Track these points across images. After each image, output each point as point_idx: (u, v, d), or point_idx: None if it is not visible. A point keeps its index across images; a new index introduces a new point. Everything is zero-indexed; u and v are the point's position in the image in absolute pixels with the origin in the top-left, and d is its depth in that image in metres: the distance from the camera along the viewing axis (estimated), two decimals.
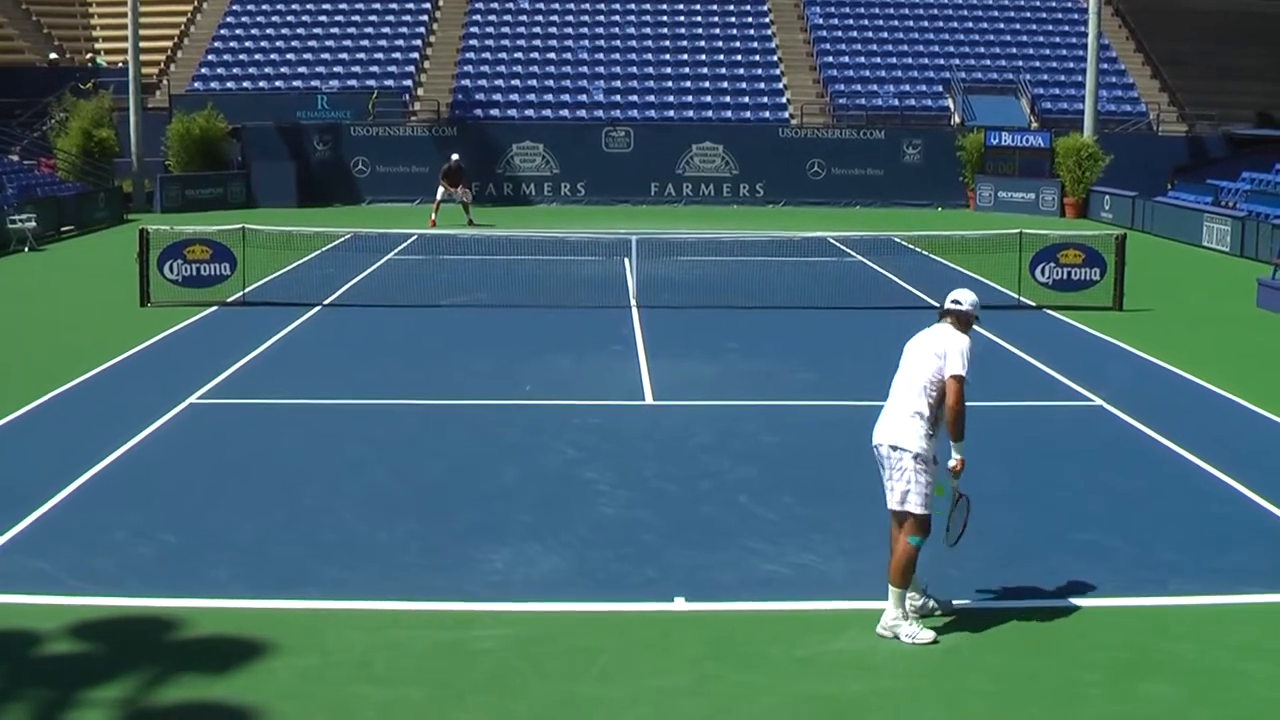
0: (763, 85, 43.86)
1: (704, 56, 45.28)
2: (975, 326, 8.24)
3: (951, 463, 7.98)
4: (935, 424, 7.92)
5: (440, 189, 33.98)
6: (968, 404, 7.87)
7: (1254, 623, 8.29)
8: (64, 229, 31.28)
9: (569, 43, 46.02)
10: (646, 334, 18.18)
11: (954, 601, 8.37)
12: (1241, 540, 9.82)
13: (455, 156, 34.83)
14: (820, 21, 46.85)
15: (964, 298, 8.23)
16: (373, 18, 47.07)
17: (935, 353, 7.95)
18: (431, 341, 17.83)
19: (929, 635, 7.89)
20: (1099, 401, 14.22)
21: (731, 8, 47.81)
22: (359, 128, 40.67)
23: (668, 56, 45.36)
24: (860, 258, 26.33)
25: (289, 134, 40.29)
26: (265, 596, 8.52)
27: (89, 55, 46.77)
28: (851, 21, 47.00)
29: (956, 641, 7.91)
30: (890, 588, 7.94)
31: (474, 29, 46.58)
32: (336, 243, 26.70)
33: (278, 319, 18.87)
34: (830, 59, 44.84)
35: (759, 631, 8.08)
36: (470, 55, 45.18)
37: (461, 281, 22.41)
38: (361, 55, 45.05)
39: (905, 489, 7.87)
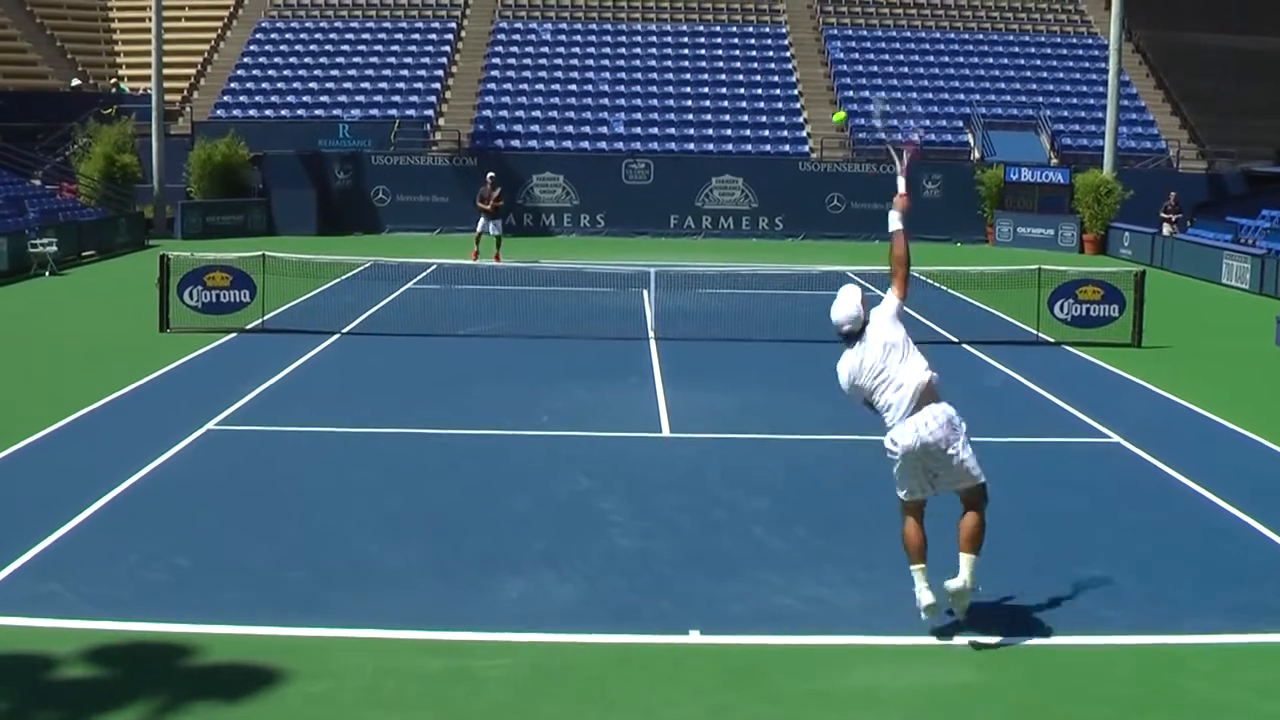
0: (783, 119, 43.99)
1: (724, 89, 45.45)
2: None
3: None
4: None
5: (480, 219, 31.49)
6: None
7: (1272, 661, 8.22)
8: (85, 253, 31.50)
9: (590, 74, 46.25)
10: (664, 365, 18.19)
11: (962, 638, 8.36)
12: (1258, 577, 9.76)
13: (491, 175, 32.51)
14: (841, 55, 47.01)
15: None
16: (395, 47, 47.41)
17: (888, 341, 8.62)
18: (449, 370, 17.86)
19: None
20: (1116, 438, 14.16)
21: (752, 41, 48.03)
22: (380, 156, 40.89)
23: (688, 89, 45.55)
24: (879, 292, 26.12)
25: (310, 162, 40.52)
26: (277, 623, 8.52)
27: (112, 81, 47.19)
28: (872, 56, 47.15)
29: (966, 675, 7.88)
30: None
31: (495, 60, 46.86)
32: (356, 271, 26.82)
33: (296, 346, 18.93)
34: (850, 93, 44.95)
35: (772, 664, 8.05)
36: (491, 86, 45.43)
37: (480, 311, 22.43)
38: (383, 84, 45.35)
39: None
